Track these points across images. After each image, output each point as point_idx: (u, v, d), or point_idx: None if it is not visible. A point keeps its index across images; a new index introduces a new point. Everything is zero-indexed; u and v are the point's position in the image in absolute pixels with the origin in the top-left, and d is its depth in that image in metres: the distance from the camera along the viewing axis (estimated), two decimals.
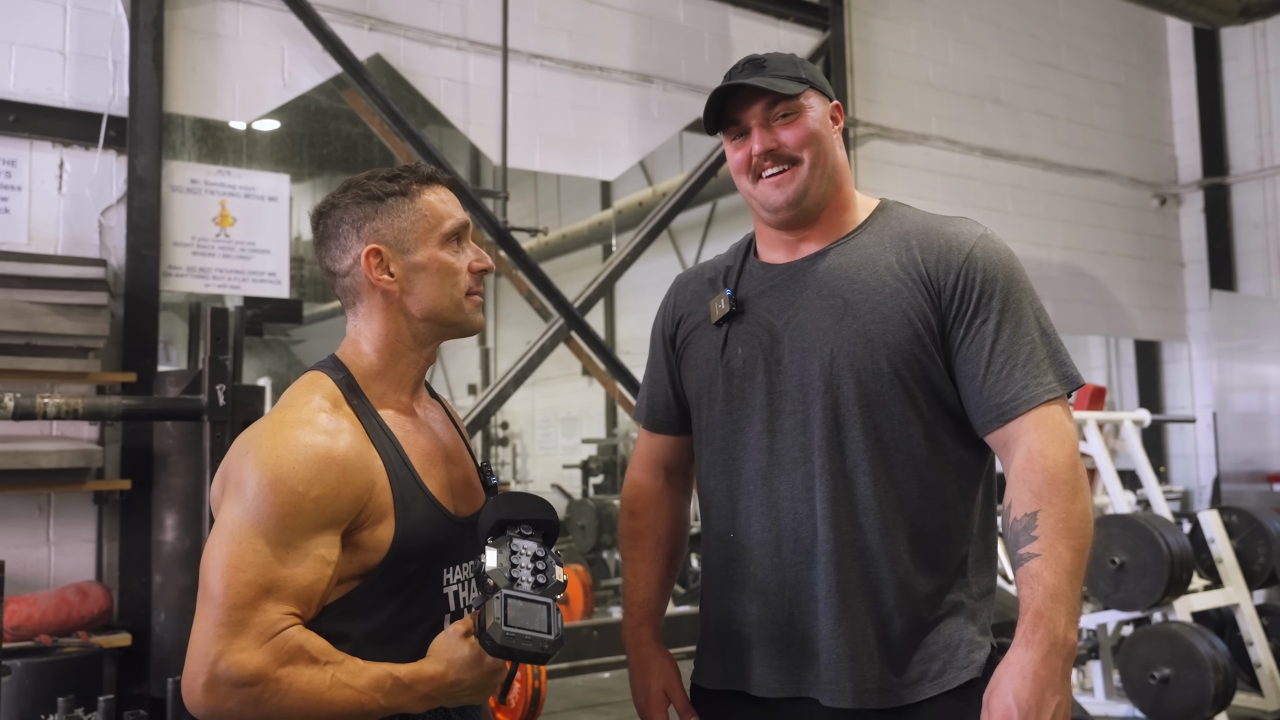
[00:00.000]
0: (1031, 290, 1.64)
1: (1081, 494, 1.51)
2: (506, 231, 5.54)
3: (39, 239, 4.37)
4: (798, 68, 1.71)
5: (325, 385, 1.48)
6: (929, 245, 1.64)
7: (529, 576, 1.36)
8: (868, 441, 1.60)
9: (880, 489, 1.59)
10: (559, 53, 5.86)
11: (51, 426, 4.24)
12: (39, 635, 3.89)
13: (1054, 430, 1.54)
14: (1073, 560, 1.48)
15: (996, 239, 1.68)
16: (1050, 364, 1.59)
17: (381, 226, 1.51)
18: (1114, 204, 8.52)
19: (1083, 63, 8.50)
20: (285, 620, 1.30)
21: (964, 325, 1.60)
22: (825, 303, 1.64)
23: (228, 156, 4.93)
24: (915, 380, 1.60)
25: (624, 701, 5.18)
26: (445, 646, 1.38)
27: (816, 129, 1.68)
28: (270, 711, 1.28)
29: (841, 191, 1.73)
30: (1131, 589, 4.50)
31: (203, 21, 4.85)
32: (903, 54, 7.40)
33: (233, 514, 1.34)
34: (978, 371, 1.59)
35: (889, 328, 1.60)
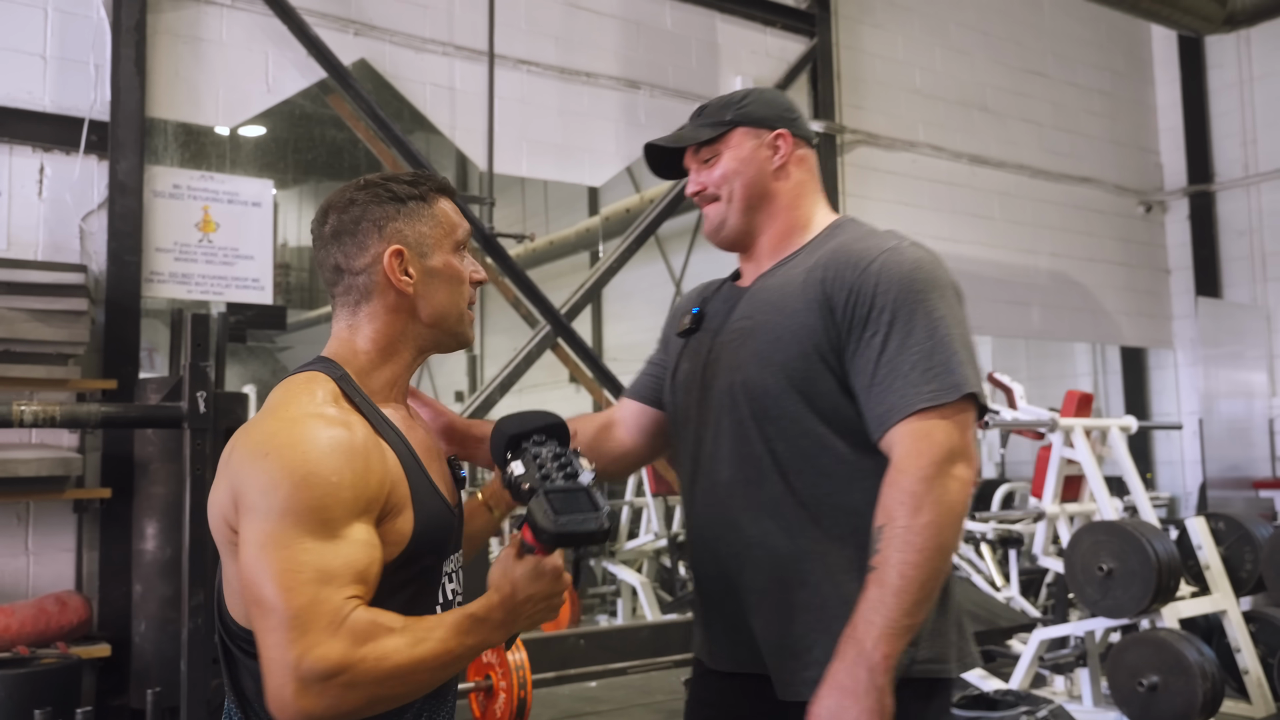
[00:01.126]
0: (936, 298, 1.63)
1: (929, 507, 1.51)
2: (493, 238, 5.51)
3: (19, 244, 4.32)
4: (729, 109, 1.83)
5: (324, 383, 1.47)
6: (834, 263, 1.70)
7: (557, 473, 1.41)
8: (765, 451, 1.69)
9: (780, 495, 1.68)
10: (546, 58, 5.84)
11: (31, 434, 4.19)
12: (17, 646, 3.84)
13: (917, 442, 1.56)
14: (902, 574, 1.50)
15: (908, 250, 1.68)
16: (937, 372, 1.58)
17: (404, 228, 1.53)
18: (1100, 211, 8.55)
19: (1069, 70, 8.53)
20: (349, 603, 1.28)
21: (855, 339, 1.65)
22: (740, 324, 1.77)
23: (211, 162, 4.89)
24: (805, 397, 1.67)
25: (612, 710, 5.15)
26: (502, 571, 1.40)
27: (734, 167, 1.80)
28: (369, 692, 1.27)
29: (784, 216, 1.81)
30: (1119, 596, 4.49)
31: (186, 25, 4.81)
32: (890, 61, 7.41)
33: (269, 520, 1.30)
34: (865, 383, 1.63)
35: (780, 347, 1.69)
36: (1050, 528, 5.21)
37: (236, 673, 1.44)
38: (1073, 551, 4.68)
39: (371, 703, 1.29)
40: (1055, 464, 5.24)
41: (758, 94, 1.86)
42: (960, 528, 1.55)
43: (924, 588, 1.50)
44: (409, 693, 1.33)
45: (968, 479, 1.55)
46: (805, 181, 1.83)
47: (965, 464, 1.56)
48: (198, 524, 3.52)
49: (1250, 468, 8.45)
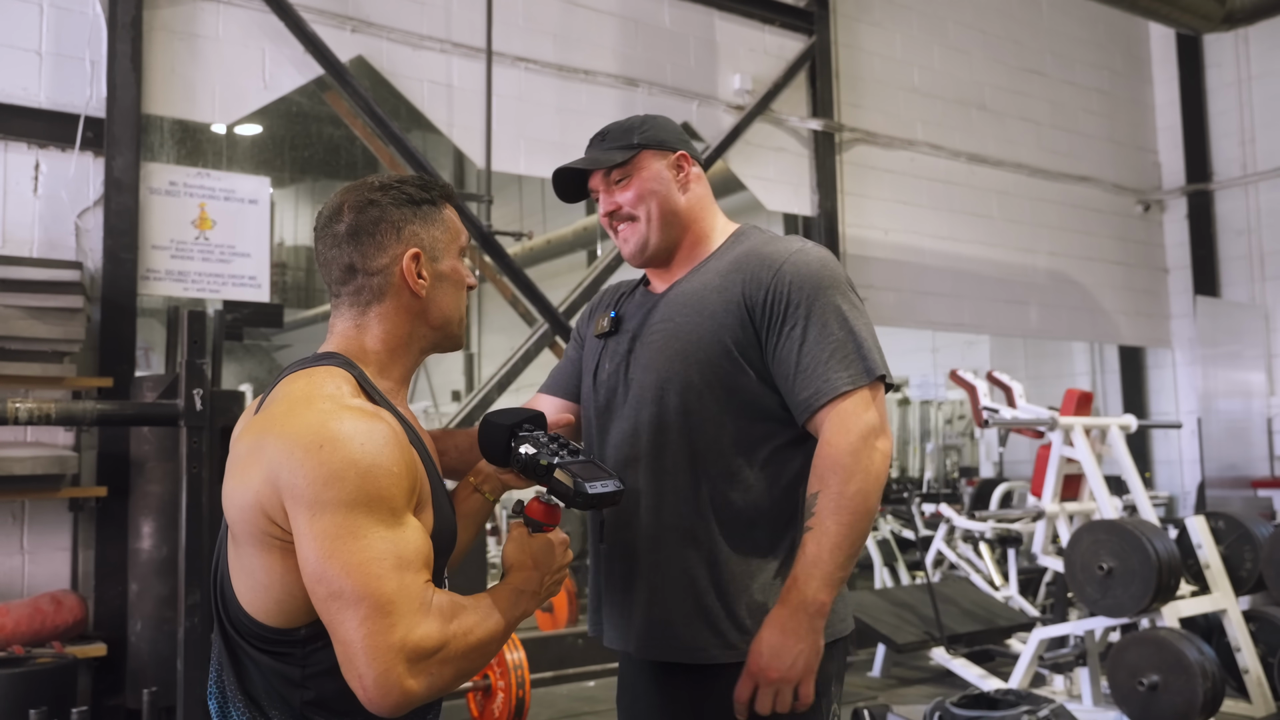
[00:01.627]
0: (841, 295, 1.82)
1: (858, 476, 1.71)
2: (491, 236, 5.48)
3: (14, 241, 4.30)
4: (633, 134, 1.96)
5: (345, 378, 1.47)
6: (747, 266, 1.87)
7: (560, 450, 1.56)
8: (687, 441, 1.83)
9: (694, 482, 1.81)
10: (544, 56, 5.82)
11: (26, 432, 4.16)
12: (12, 646, 3.81)
13: (844, 419, 1.74)
14: (838, 533, 1.70)
15: (812, 251, 1.87)
16: (851, 359, 1.78)
17: (420, 231, 1.57)
18: (1098, 210, 8.54)
19: (1067, 69, 8.52)
20: (428, 587, 1.34)
21: (775, 333, 1.81)
22: (662, 326, 1.91)
23: (207, 159, 4.86)
24: (725, 391, 1.82)
25: (609, 710, 5.11)
26: (518, 550, 1.53)
27: (649, 187, 1.93)
28: (457, 666, 1.34)
29: (692, 229, 1.97)
30: (1119, 595, 4.48)
31: (182, 22, 4.79)
32: (888, 59, 7.39)
33: (337, 514, 1.30)
34: (789, 372, 1.80)
35: (702, 345, 1.84)
36: (1050, 527, 5.20)
37: (243, 670, 1.42)
38: (1072, 550, 4.67)
39: (458, 676, 1.35)
40: (1055, 463, 5.23)
41: (653, 120, 2.00)
42: (881, 493, 1.74)
43: (854, 545, 1.71)
44: (482, 665, 1.41)
45: (886, 451, 1.76)
46: (705, 196, 2.00)
47: (884, 438, 1.76)
48: (194, 522, 3.50)
49: (1249, 467, 8.45)
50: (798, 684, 1.70)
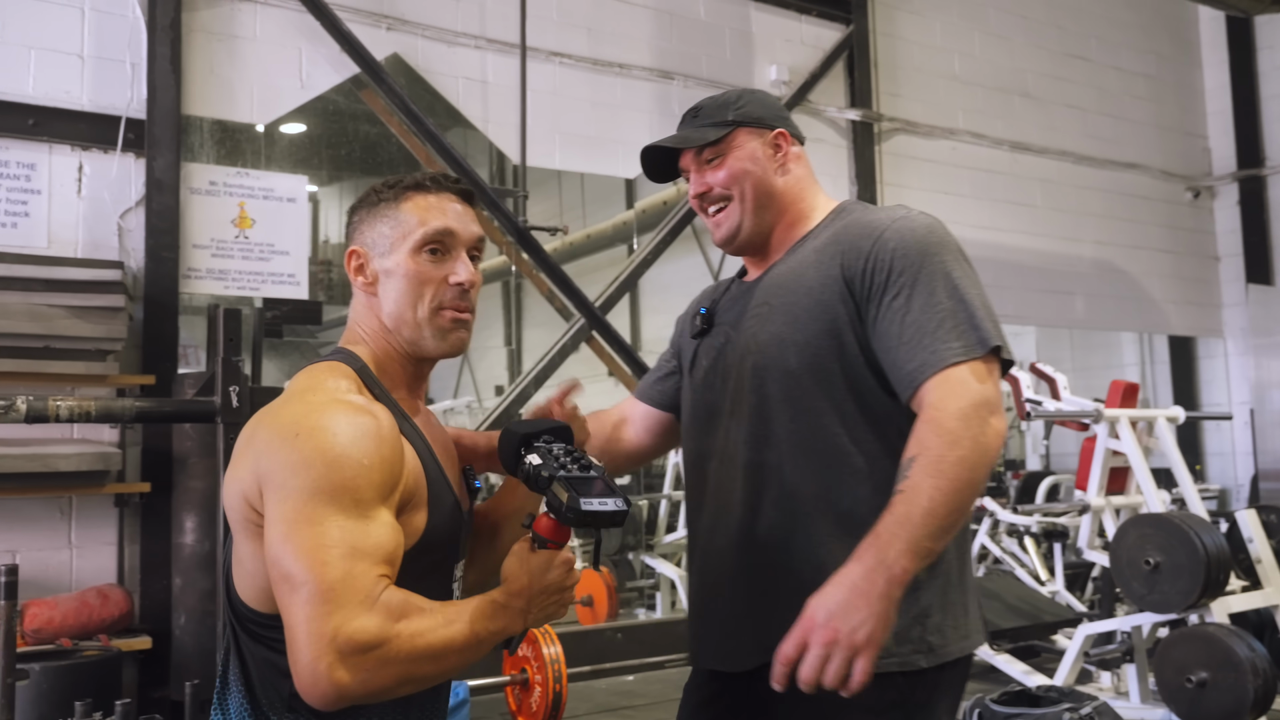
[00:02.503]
0: (951, 260, 1.67)
1: (965, 443, 1.51)
2: (526, 231, 5.49)
3: (59, 242, 4.37)
4: (728, 110, 1.83)
5: (346, 373, 1.48)
6: (847, 238, 1.72)
7: (571, 464, 1.47)
8: (791, 432, 1.69)
9: (803, 478, 1.68)
10: (578, 50, 5.81)
11: (72, 429, 4.24)
12: (60, 638, 3.89)
13: (954, 386, 1.56)
14: (932, 498, 1.49)
15: (917, 217, 1.72)
16: (963, 329, 1.60)
17: (366, 229, 1.55)
18: (1146, 197, 8.37)
19: (1112, 54, 8.35)
20: (381, 581, 1.28)
21: (877, 304, 1.66)
22: (757, 310, 1.78)
23: (246, 158, 4.91)
24: (826, 375, 1.68)
25: (649, 705, 5.12)
26: (517, 563, 1.43)
27: (743, 167, 1.81)
28: (401, 669, 1.27)
29: (790, 211, 1.84)
30: (1166, 590, 4.38)
31: (220, 23, 4.84)
32: (927, 47, 7.29)
33: (299, 499, 1.30)
34: (893, 345, 1.63)
35: (799, 327, 1.70)
36: (1095, 521, 5.11)
37: (243, 657, 1.43)
38: (1118, 545, 4.58)
39: (401, 681, 1.28)
40: (1100, 456, 5.13)
41: (751, 95, 1.88)
42: (988, 472, 1.54)
43: (949, 516, 1.50)
44: (436, 674, 1.34)
45: (1000, 430, 1.56)
46: (805, 177, 1.86)
47: (998, 416, 1.57)
48: None
49: None
50: (855, 655, 1.43)
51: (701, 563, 1.81)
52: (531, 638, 4.38)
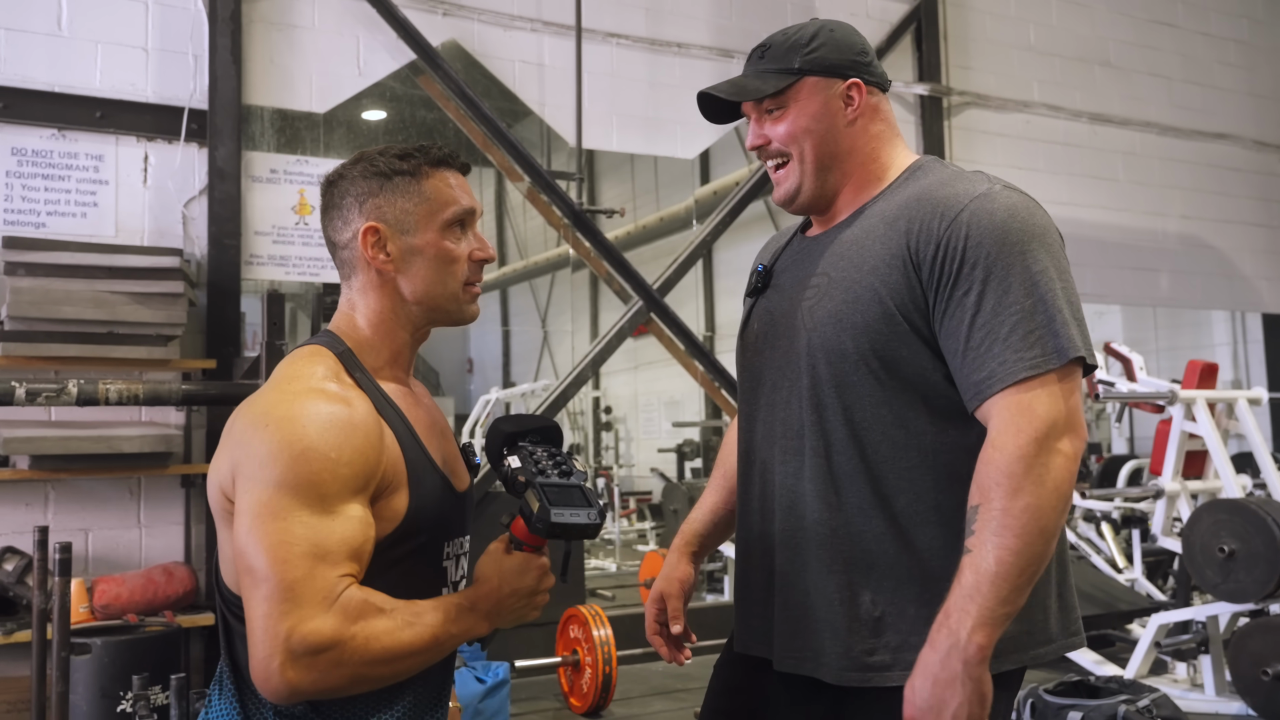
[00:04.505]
0: (1036, 249, 1.48)
1: (1029, 489, 1.39)
2: (582, 213, 5.49)
3: (126, 231, 4.51)
4: (796, 54, 1.64)
5: (325, 358, 1.47)
6: (917, 214, 1.54)
7: (552, 470, 1.44)
8: (843, 420, 1.56)
9: (854, 469, 1.56)
10: (635, 30, 5.77)
11: (140, 412, 4.38)
12: (127, 614, 4.03)
13: (1016, 415, 1.42)
14: (1001, 559, 1.38)
15: (1000, 197, 1.52)
16: (1039, 335, 1.44)
17: (384, 204, 1.50)
18: (1237, 169, 7.99)
19: (1200, 19, 7.98)
20: (343, 581, 1.29)
21: (946, 298, 1.50)
22: (816, 280, 1.63)
23: (305, 146, 5.00)
24: (883, 363, 1.54)
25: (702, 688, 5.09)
26: (490, 563, 1.44)
27: (804, 124, 1.64)
28: (354, 671, 1.27)
29: (860, 172, 1.66)
30: (1242, 579, 4.20)
31: (279, 13, 4.93)
32: (1000, 17, 7.06)
33: (265, 491, 1.30)
34: (959, 347, 1.49)
35: (859, 308, 1.55)
36: (1170, 506, 4.92)
37: (231, 640, 1.45)
38: (1191, 531, 4.40)
39: (355, 682, 1.30)
40: (1176, 438, 4.94)
41: (828, 34, 1.66)
42: (1064, 508, 1.41)
43: (1023, 574, 1.39)
44: (392, 675, 1.34)
45: (1072, 453, 1.42)
46: (881, 133, 1.67)
47: (1071, 437, 1.43)
48: None
49: None
50: None
51: (744, 550, 1.73)
52: (582, 620, 4.40)
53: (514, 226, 13.71)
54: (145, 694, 3.18)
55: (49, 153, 4.42)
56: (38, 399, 3.07)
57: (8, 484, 4.14)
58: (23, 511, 4.21)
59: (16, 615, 3.98)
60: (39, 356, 3.96)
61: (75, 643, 3.48)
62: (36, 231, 4.32)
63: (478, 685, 3.71)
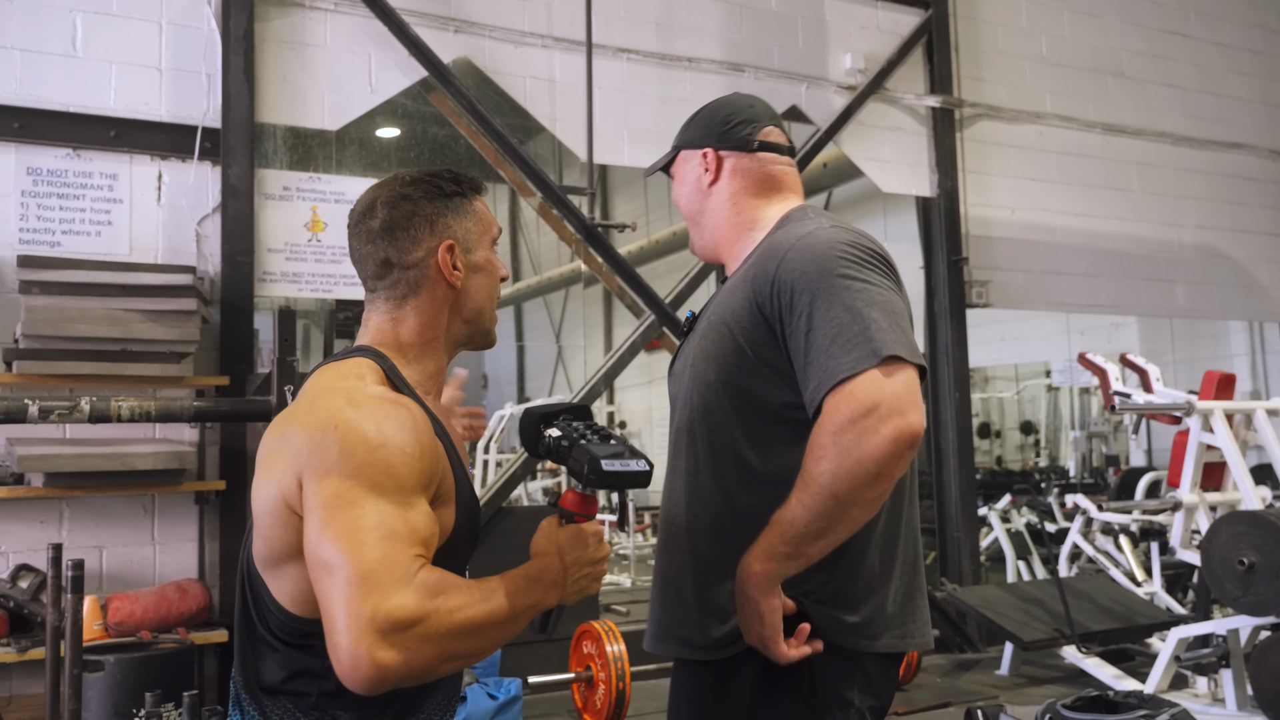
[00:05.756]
0: (853, 272, 1.66)
1: (830, 458, 1.55)
2: (594, 228, 5.49)
3: (140, 249, 4.54)
4: (681, 134, 1.97)
5: (373, 369, 1.49)
6: (760, 261, 1.77)
7: (591, 435, 1.50)
8: (705, 443, 1.77)
9: (714, 484, 1.75)
10: (646, 45, 5.78)
11: (154, 429, 4.40)
12: (140, 631, 4.03)
13: (837, 401, 1.57)
14: (791, 509, 1.59)
15: (824, 233, 1.72)
16: (855, 341, 1.59)
17: (454, 223, 1.58)
18: (1252, 178, 7.94)
19: (1214, 29, 7.95)
20: (417, 561, 1.29)
21: (787, 325, 1.69)
22: (702, 323, 1.87)
23: (318, 163, 5.03)
24: (737, 390, 1.74)
25: None
26: (545, 539, 1.47)
27: (679, 191, 1.97)
28: (441, 646, 1.26)
29: (726, 227, 1.91)
30: (1262, 591, 4.15)
31: (291, 32, 4.96)
32: (1012, 29, 7.05)
33: (340, 484, 1.30)
34: (800, 364, 1.66)
35: (719, 342, 1.77)
36: (1189, 518, 4.87)
37: (261, 663, 1.44)
38: (1210, 544, 4.35)
39: (443, 658, 1.28)
40: (1193, 450, 4.89)
41: (706, 112, 1.96)
42: (870, 481, 1.55)
43: (808, 526, 1.58)
44: (477, 650, 1.33)
45: (892, 435, 1.53)
46: (743, 189, 1.90)
47: (896, 417, 1.54)
48: None
49: None
50: (765, 647, 1.64)
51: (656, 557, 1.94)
52: (595, 635, 4.38)
53: (528, 242, 13.75)
54: (158, 711, 3.19)
55: (64, 172, 4.45)
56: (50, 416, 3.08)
57: (23, 501, 4.16)
58: (38, 529, 4.23)
59: (31, 633, 3.99)
60: (53, 374, 3.98)
61: (88, 660, 3.48)
62: (51, 250, 4.35)
63: (490, 701, 3.70)
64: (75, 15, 4.54)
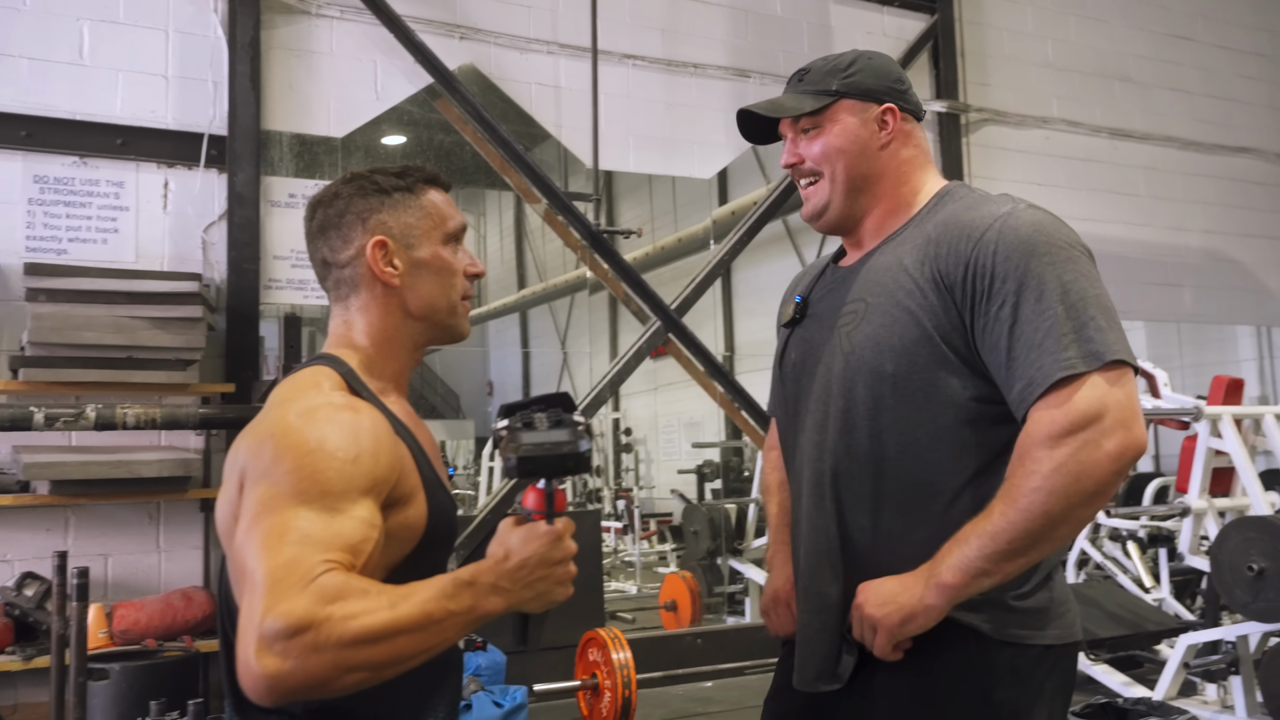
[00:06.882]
0: (1064, 260, 1.50)
1: (1043, 473, 1.42)
2: (599, 234, 5.49)
3: (146, 257, 4.54)
4: (834, 77, 1.69)
5: (330, 376, 1.46)
6: (945, 238, 1.58)
7: (545, 424, 1.34)
8: (873, 445, 1.58)
9: (883, 492, 1.59)
10: (651, 51, 5.78)
11: (160, 437, 4.39)
12: (146, 639, 4.03)
13: (1052, 408, 1.44)
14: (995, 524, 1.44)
15: (1024, 214, 1.55)
16: (1073, 339, 1.44)
17: (388, 219, 1.52)
18: (1260, 182, 7.91)
19: (1220, 33, 7.93)
20: (324, 564, 1.20)
21: (982, 316, 1.52)
22: (851, 307, 1.65)
23: (324, 170, 5.02)
24: (922, 385, 1.56)
25: (724, 711, 5.05)
26: (495, 540, 1.35)
27: (838, 144, 1.68)
28: (335, 656, 1.15)
29: (890, 197, 1.70)
30: (1272, 597, 4.11)
31: (297, 39, 4.97)
32: (1018, 34, 7.04)
33: (267, 491, 1.27)
34: (1001, 360, 1.50)
35: (896, 330, 1.57)
36: (1197, 524, 4.84)
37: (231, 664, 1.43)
38: (1219, 549, 4.32)
39: (340, 669, 1.16)
40: (1201, 455, 4.86)
41: (865, 61, 1.72)
42: (1084, 501, 1.42)
43: (1012, 544, 1.44)
44: (386, 661, 1.20)
45: (1115, 451, 1.41)
46: (914, 159, 1.71)
47: (1120, 431, 1.41)
48: None
49: None
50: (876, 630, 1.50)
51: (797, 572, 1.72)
52: (601, 643, 4.36)
53: (533, 249, 13.76)
54: (163, 719, 3.18)
55: (70, 180, 4.46)
56: (55, 423, 3.08)
57: (28, 509, 4.16)
58: (43, 536, 4.23)
59: (36, 641, 3.99)
60: (59, 382, 3.98)
61: (93, 668, 3.48)
62: (58, 258, 4.36)
63: (495, 710, 3.68)
64: (83, 24, 4.55)
